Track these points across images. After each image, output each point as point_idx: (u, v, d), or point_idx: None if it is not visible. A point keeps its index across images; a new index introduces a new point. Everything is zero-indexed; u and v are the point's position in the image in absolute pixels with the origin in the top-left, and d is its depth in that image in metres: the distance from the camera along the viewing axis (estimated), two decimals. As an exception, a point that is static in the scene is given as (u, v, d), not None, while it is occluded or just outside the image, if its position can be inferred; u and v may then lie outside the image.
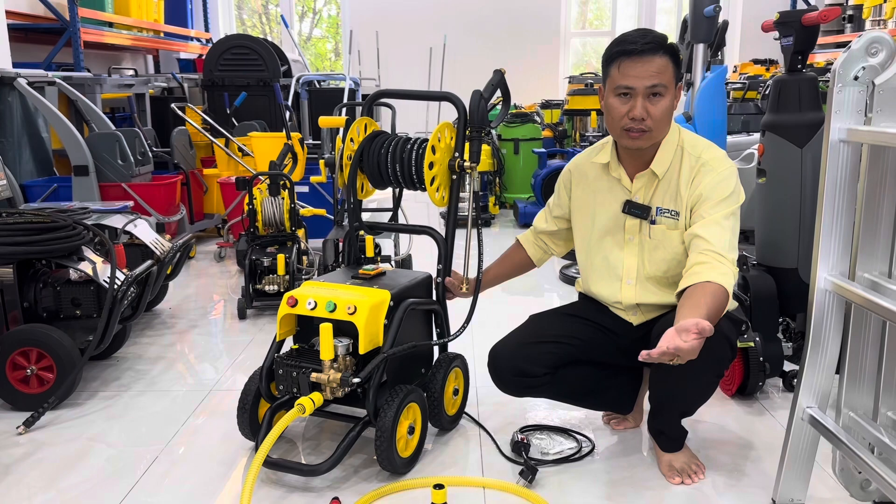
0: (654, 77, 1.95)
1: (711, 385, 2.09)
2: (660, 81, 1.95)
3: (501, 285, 2.55)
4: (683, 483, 2.10)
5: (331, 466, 2.02)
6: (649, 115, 1.97)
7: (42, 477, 2.16)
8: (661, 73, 1.96)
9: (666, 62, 1.97)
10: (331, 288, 2.18)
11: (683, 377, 1.97)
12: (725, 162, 2.04)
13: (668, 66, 1.97)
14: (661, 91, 1.96)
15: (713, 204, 1.99)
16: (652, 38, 1.97)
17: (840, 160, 1.71)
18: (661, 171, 2.06)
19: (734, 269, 1.93)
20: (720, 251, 1.92)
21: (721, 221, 1.97)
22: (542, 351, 2.15)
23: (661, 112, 1.98)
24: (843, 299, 1.77)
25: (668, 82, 1.97)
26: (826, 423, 1.79)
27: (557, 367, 2.16)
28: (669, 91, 1.98)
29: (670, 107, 2.01)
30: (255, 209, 3.83)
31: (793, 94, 2.56)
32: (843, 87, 1.67)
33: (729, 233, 1.97)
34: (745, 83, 6.07)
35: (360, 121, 2.37)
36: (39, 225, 2.69)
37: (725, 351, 2.00)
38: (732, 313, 2.11)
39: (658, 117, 1.98)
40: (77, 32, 5.60)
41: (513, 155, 6.39)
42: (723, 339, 1.96)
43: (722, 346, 1.98)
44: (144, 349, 3.21)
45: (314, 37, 12.58)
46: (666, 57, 1.97)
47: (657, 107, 1.97)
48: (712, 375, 2.04)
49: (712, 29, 3.23)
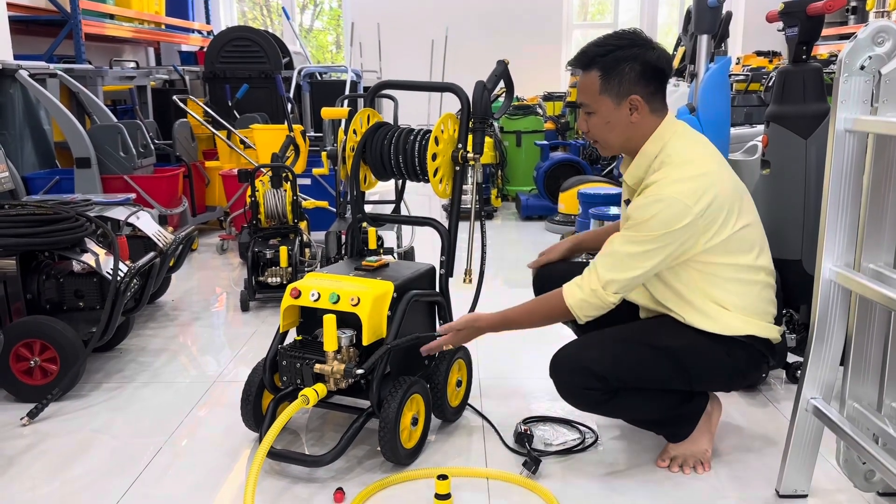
0: (581, 94, 2.00)
1: (601, 411, 2.10)
2: (584, 100, 1.99)
3: (502, 279, 2.56)
4: (672, 470, 2.11)
5: (334, 457, 2.02)
6: (589, 128, 2.01)
7: (46, 468, 2.17)
8: (585, 90, 1.97)
9: (592, 78, 1.94)
10: (334, 279, 2.18)
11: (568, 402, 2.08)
12: (666, 190, 1.86)
13: (594, 82, 1.94)
14: (588, 109, 1.98)
15: (629, 226, 1.92)
16: (585, 52, 1.97)
17: (845, 150, 1.70)
18: (633, 181, 2.03)
19: (598, 286, 1.91)
20: (598, 265, 1.93)
21: (622, 241, 1.91)
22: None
23: (595, 128, 2.00)
24: (847, 290, 1.76)
25: (593, 100, 1.96)
26: (830, 414, 1.78)
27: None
28: (599, 107, 1.95)
29: (603, 123, 1.97)
30: (258, 201, 3.83)
31: (797, 85, 2.54)
32: (850, 76, 1.66)
33: (623, 252, 1.90)
34: (747, 75, 6.04)
35: (363, 112, 2.37)
36: (42, 217, 2.69)
37: (584, 381, 1.97)
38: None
39: (594, 132, 2.00)
40: (78, 24, 5.59)
41: (515, 147, 6.38)
42: (579, 370, 1.96)
43: (577, 377, 1.97)
44: (147, 341, 3.21)
45: (315, 29, 12.55)
46: (594, 73, 1.94)
47: (591, 122, 2.00)
48: (585, 404, 2.06)
49: (716, 19, 3.21)
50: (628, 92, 1.93)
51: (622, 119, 1.95)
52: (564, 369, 2.01)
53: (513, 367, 2.87)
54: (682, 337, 2.00)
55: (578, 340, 2.08)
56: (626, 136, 1.99)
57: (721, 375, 2.06)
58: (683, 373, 2.00)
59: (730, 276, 1.97)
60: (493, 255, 4.60)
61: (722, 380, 2.10)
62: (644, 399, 2.04)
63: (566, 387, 2.03)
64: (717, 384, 2.14)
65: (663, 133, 1.97)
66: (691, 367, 2.00)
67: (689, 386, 2.06)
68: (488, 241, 2.41)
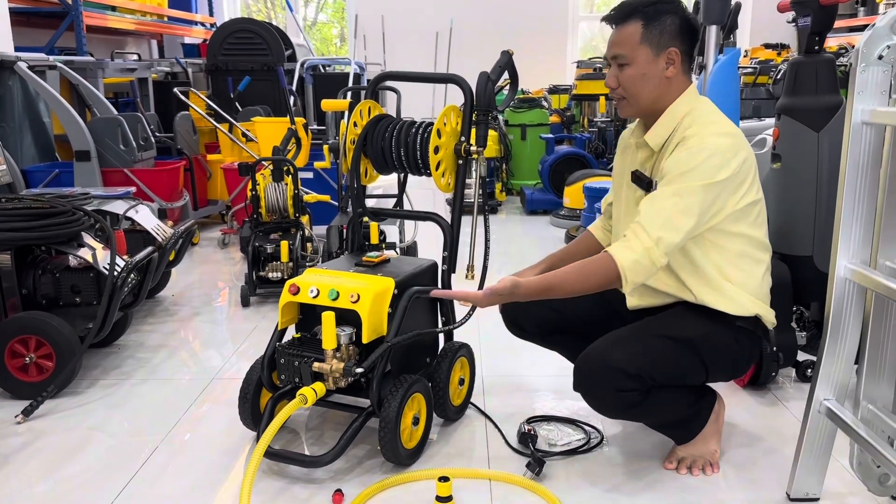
0: (616, 46, 1.94)
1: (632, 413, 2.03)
2: (620, 51, 1.93)
3: (509, 272, 2.50)
4: (680, 472, 2.06)
5: (333, 458, 1.98)
6: (620, 83, 1.96)
7: (41, 467, 2.13)
8: (624, 41, 1.92)
9: (633, 28, 1.91)
10: (334, 275, 2.13)
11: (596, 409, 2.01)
12: (708, 140, 1.85)
13: (636, 33, 1.91)
14: (624, 60, 1.93)
15: (668, 181, 1.86)
16: (625, 4, 1.94)
17: (862, 143, 1.64)
18: (655, 143, 1.98)
19: (651, 244, 1.81)
20: (644, 224, 1.83)
21: (664, 197, 1.84)
22: (539, 314, 2.21)
23: (628, 81, 1.94)
24: (863, 288, 1.70)
25: (632, 50, 1.91)
26: (844, 416, 1.73)
27: (551, 332, 2.25)
28: (636, 58, 1.91)
29: (639, 75, 1.92)
30: (259, 195, 3.78)
31: (809, 77, 2.48)
32: (867, 66, 1.60)
33: (666, 209, 1.82)
34: (755, 68, 5.97)
35: (363, 104, 2.31)
36: (38, 210, 2.64)
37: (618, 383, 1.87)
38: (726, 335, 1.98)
39: (626, 86, 1.95)
40: (79, 16, 5.53)
41: (520, 141, 6.32)
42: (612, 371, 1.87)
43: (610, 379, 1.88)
44: (146, 337, 3.17)
45: (319, 21, 12.48)
46: (635, 23, 1.91)
47: (624, 75, 1.95)
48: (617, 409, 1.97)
49: (725, 10, 3.15)
50: (668, 44, 1.91)
51: (658, 72, 1.92)
52: (594, 374, 1.91)
53: (516, 364, 2.81)
54: (697, 327, 1.96)
55: (598, 345, 1.95)
56: (658, 91, 1.95)
57: (730, 364, 2.05)
58: (702, 364, 1.97)
59: (742, 251, 1.96)
60: (497, 250, 4.55)
61: (730, 369, 2.08)
62: (672, 396, 1.99)
63: (598, 392, 1.93)
64: (726, 374, 2.11)
65: (691, 96, 1.97)
66: (709, 357, 1.97)
67: (705, 378, 2.03)
68: (492, 236, 2.35)
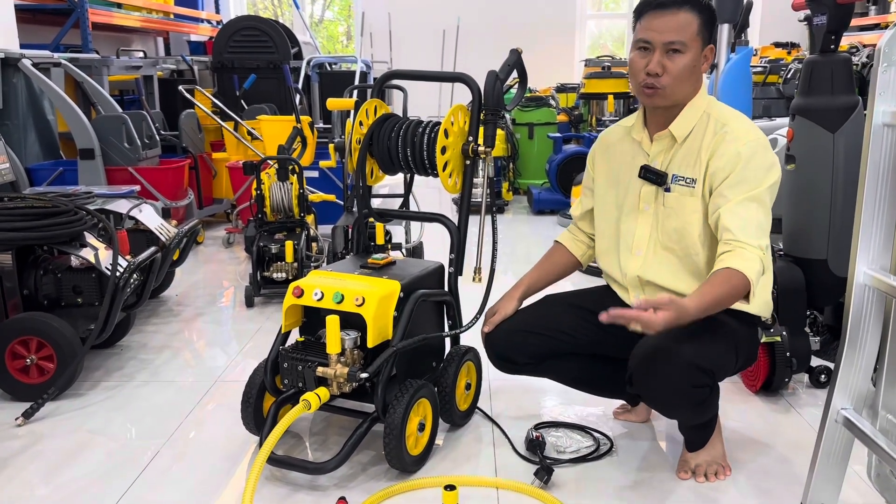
0: (673, 32, 1.86)
1: (698, 410, 1.94)
2: (678, 38, 1.85)
3: (516, 273, 2.45)
4: (697, 480, 2.02)
5: (337, 464, 1.94)
6: (666, 71, 1.87)
7: (40, 470, 2.10)
8: (683, 28, 1.86)
9: (690, 18, 1.86)
10: (338, 278, 2.09)
11: (661, 408, 1.98)
12: (753, 133, 1.88)
13: (693, 23, 1.86)
14: (680, 48, 1.86)
15: (734, 182, 1.84)
16: None
17: (883, 145, 1.59)
18: (681, 134, 1.94)
19: (760, 253, 1.79)
20: (743, 239, 1.80)
21: (744, 205, 1.83)
22: (528, 342, 2.11)
23: (679, 69, 1.87)
24: (883, 295, 1.65)
25: (690, 39, 1.86)
26: (862, 426, 1.68)
27: (543, 358, 2.13)
28: (691, 49, 1.87)
29: (691, 66, 1.88)
30: (263, 194, 3.74)
31: (825, 77, 2.43)
32: (889, 66, 1.55)
33: (753, 217, 1.82)
34: (766, 67, 5.91)
35: (369, 103, 2.27)
36: (40, 210, 2.61)
37: (694, 378, 1.83)
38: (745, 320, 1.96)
39: (675, 74, 1.87)
40: (85, 13, 5.52)
41: (527, 140, 6.27)
42: (688, 367, 1.81)
43: (686, 376, 1.82)
44: (149, 338, 3.14)
45: (326, 19, 12.45)
46: (692, 13, 1.86)
47: (674, 63, 1.87)
48: (687, 406, 1.90)
49: (738, 8, 3.10)
50: (710, 40, 1.91)
51: (699, 66, 1.91)
52: (667, 371, 1.82)
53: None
54: (727, 322, 1.93)
55: (658, 343, 1.84)
56: (695, 85, 1.94)
57: (748, 357, 2.03)
58: (735, 358, 1.95)
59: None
60: (504, 250, 4.51)
61: (746, 362, 2.05)
62: (717, 392, 1.97)
63: (672, 388, 1.84)
64: (741, 367, 2.08)
65: (705, 92, 1.98)
66: (741, 350, 1.95)
67: (730, 373, 2.00)
68: (499, 237, 2.31)
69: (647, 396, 1.93)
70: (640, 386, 1.88)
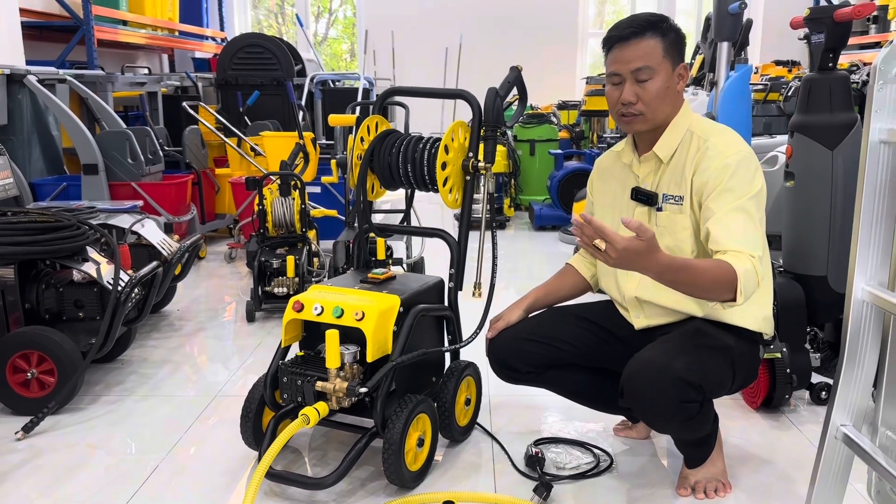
0: (639, 60, 1.89)
1: (687, 426, 1.91)
2: (644, 64, 1.89)
3: (517, 289, 2.45)
4: (697, 497, 2.01)
5: (336, 480, 1.93)
6: (640, 98, 1.92)
7: (39, 485, 2.09)
8: (648, 55, 1.89)
9: (654, 43, 1.89)
10: (338, 292, 2.10)
11: (651, 422, 1.95)
12: (735, 146, 1.89)
13: (657, 47, 1.89)
14: (648, 74, 1.90)
15: (718, 194, 1.84)
16: (638, 20, 1.91)
17: (880, 162, 1.60)
18: (665, 154, 1.96)
19: (754, 260, 1.78)
20: (733, 247, 1.79)
21: (730, 216, 1.82)
22: (531, 350, 2.11)
23: (652, 94, 1.91)
24: (881, 311, 1.65)
25: (657, 63, 1.89)
26: (862, 443, 1.67)
27: (545, 368, 2.13)
28: (660, 72, 1.90)
29: (664, 88, 1.91)
30: (266, 210, 3.76)
31: (823, 94, 2.44)
32: (885, 84, 1.56)
33: (740, 227, 1.81)
34: (766, 84, 5.94)
35: (370, 119, 2.29)
36: (42, 224, 2.62)
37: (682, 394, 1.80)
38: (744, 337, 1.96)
39: (648, 100, 1.91)
40: (91, 30, 5.57)
41: (528, 156, 6.30)
42: (676, 382, 1.79)
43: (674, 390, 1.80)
44: (150, 352, 3.14)
45: (329, 37, 12.54)
46: (654, 38, 1.89)
47: (646, 89, 1.91)
48: (675, 421, 1.87)
49: (737, 26, 3.12)
50: (680, 59, 1.94)
51: (674, 86, 1.94)
52: (657, 385, 1.81)
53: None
54: (725, 337, 1.92)
55: (649, 356, 1.84)
56: (673, 105, 1.96)
57: (747, 375, 2.01)
58: (732, 374, 1.93)
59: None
60: (505, 266, 4.51)
61: (745, 380, 2.03)
62: (710, 408, 1.95)
63: (661, 403, 1.82)
64: (740, 385, 2.03)
65: (687, 110, 2.00)
66: (738, 367, 1.93)
67: (728, 391, 1.98)
68: (499, 252, 2.31)
69: (636, 409, 1.92)
70: (630, 399, 1.88)
